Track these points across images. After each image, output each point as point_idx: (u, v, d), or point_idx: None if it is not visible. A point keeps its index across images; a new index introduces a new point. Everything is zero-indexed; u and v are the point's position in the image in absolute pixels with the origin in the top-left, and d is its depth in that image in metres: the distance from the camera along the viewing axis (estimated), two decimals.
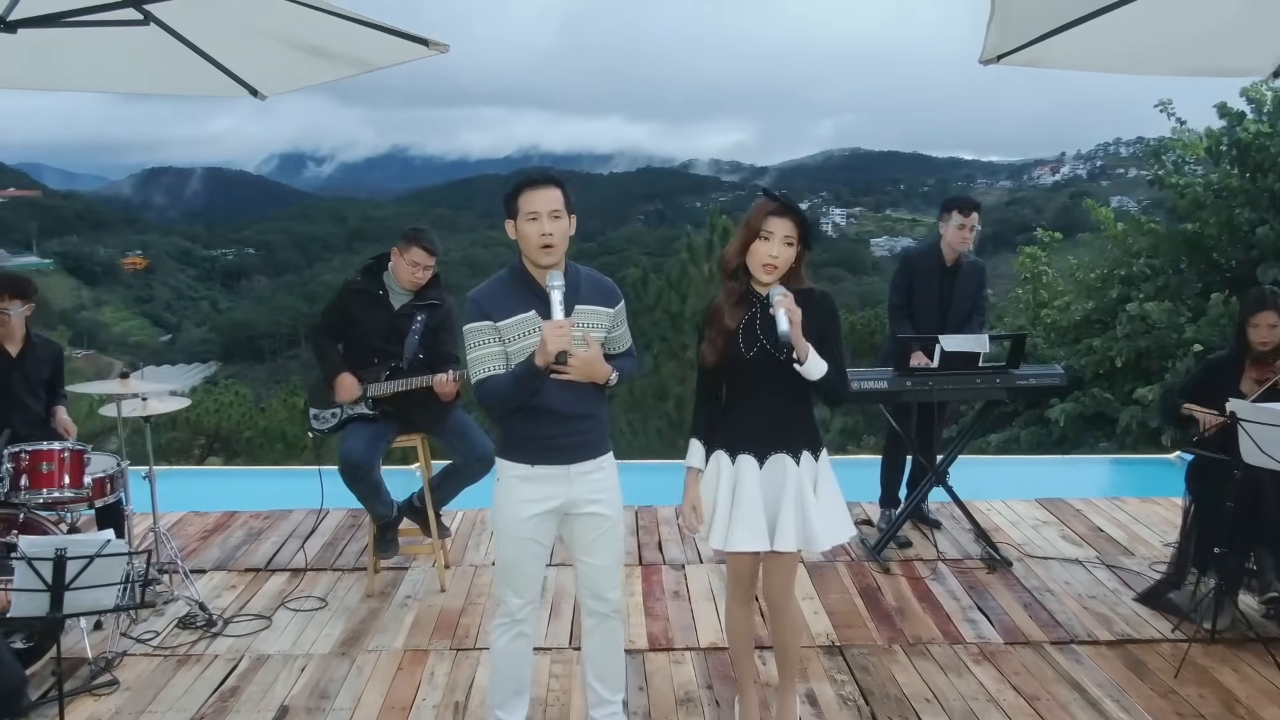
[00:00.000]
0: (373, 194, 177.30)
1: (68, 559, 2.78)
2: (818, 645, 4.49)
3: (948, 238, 5.48)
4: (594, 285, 3.31)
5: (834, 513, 3.43)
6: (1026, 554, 5.53)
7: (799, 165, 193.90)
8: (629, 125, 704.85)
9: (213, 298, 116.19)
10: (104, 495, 4.60)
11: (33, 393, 4.82)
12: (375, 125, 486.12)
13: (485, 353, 3.17)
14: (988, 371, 5.20)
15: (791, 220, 3.26)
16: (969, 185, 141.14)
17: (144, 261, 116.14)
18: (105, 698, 4.05)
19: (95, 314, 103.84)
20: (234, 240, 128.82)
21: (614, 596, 3.45)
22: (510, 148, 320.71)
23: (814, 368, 3.22)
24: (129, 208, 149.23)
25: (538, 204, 3.13)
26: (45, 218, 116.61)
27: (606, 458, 3.37)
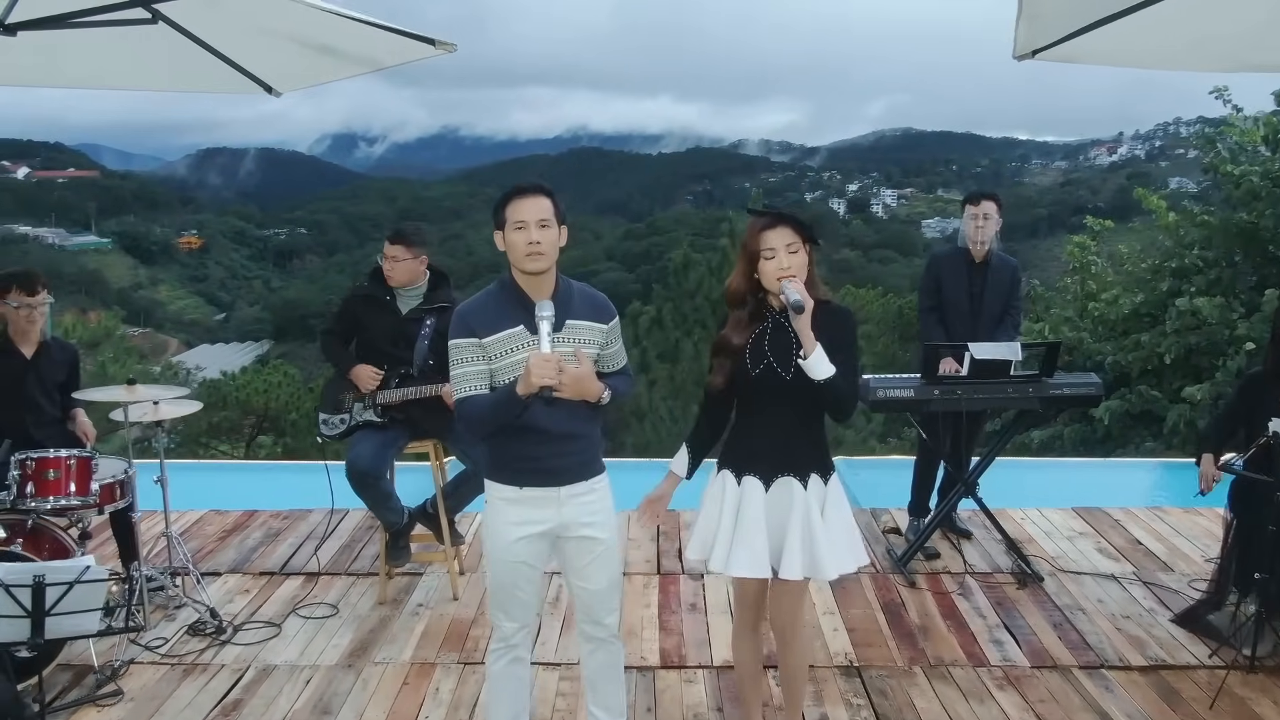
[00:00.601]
0: (423, 174, 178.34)
1: (46, 585, 2.70)
2: (835, 665, 4.35)
3: (966, 232, 5.34)
4: (587, 301, 3.19)
5: (843, 540, 3.29)
6: (1059, 568, 5.32)
7: (850, 145, 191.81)
8: (679, 105, 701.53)
9: (265, 277, 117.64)
10: (113, 500, 4.56)
11: (47, 395, 4.78)
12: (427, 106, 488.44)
13: (467, 370, 3.08)
14: (1020, 380, 5.00)
15: (786, 227, 3.12)
16: (1023, 166, 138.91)
17: (199, 241, 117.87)
18: (108, 709, 4.01)
19: (151, 292, 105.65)
20: (286, 220, 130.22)
21: (611, 621, 3.34)
22: (560, 128, 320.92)
23: (819, 365, 3.06)
24: (184, 188, 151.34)
25: (525, 213, 3.03)
26: (104, 198, 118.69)
27: (599, 479, 3.25)
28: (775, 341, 3.16)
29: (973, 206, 5.32)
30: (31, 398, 4.74)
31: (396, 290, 4.88)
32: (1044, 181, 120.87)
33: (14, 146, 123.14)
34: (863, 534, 5.72)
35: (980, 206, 5.29)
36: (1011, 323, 5.42)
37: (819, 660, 4.38)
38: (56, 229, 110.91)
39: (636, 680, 4.23)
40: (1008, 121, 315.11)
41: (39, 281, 4.70)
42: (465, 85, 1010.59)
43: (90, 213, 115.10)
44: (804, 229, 3.14)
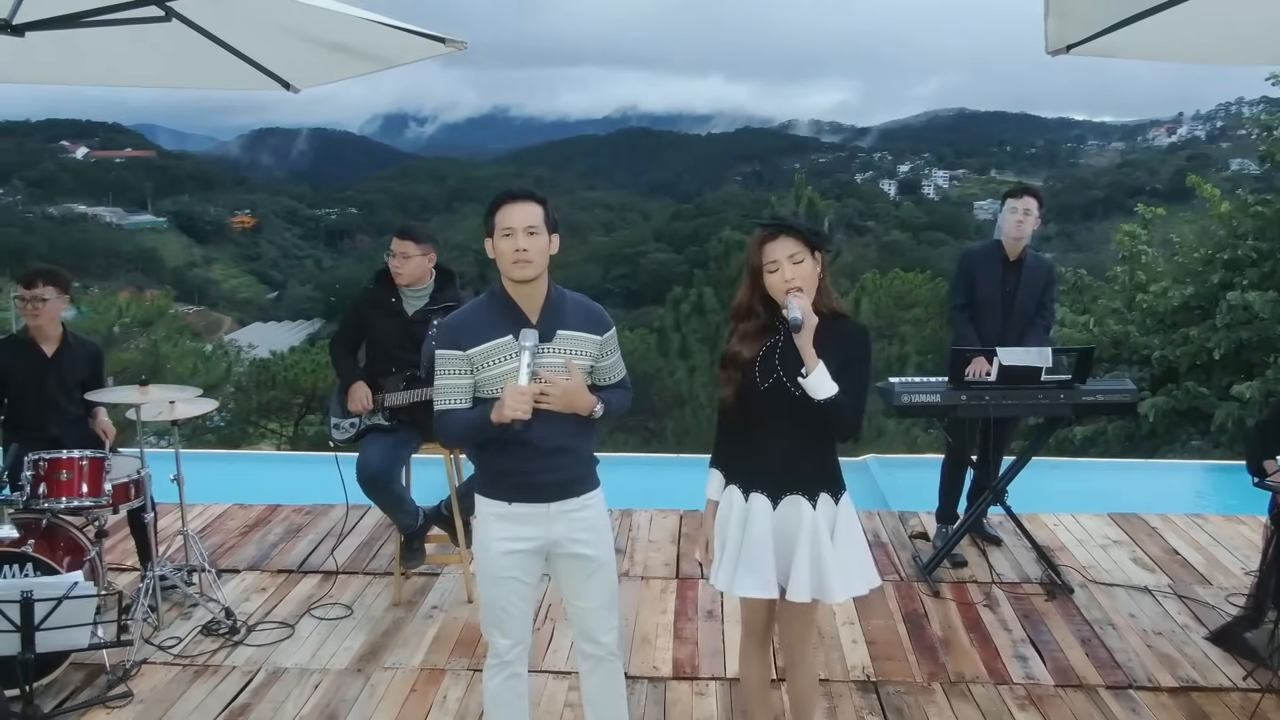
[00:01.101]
0: (473, 154, 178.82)
1: (34, 601, 2.68)
2: (852, 680, 4.24)
3: (1004, 226, 5.16)
4: (580, 310, 3.10)
5: (853, 562, 3.19)
6: (1091, 579, 5.16)
7: (902, 126, 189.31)
8: (729, 85, 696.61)
9: (317, 256, 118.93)
10: (128, 500, 4.55)
11: (68, 394, 4.79)
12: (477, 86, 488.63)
13: (448, 384, 3.02)
14: (1051, 386, 4.83)
15: (789, 237, 3.00)
16: (1079, 147, 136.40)
17: (252, 220, 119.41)
18: (117, 710, 4.01)
19: (206, 271, 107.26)
20: (338, 200, 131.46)
21: (608, 640, 3.26)
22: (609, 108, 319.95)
23: (819, 384, 2.96)
24: (238, 168, 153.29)
25: (513, 219, 2.96)
26: (159, 177, 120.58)
27: (592, 495, 3.16)
28: (786, 356, 3.05)
29: (1015, 200, 5.14)
30: (52, 397, 4.75)
31: (402, 291, 4.82)
32: (1100, 163, 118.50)
33: (73, 127, 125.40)
34: (889, 539, 5.66)
35: (1023, 201, 5.11)
36: (1043, 324, 5.25)
37: (835, 674, 4.27)
38: (114, 208, 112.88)
39: (647, 692, 4.15)
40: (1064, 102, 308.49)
41: (39, 276, 4.70)
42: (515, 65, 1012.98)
43: (147, 192, 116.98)
44: (808, 238, 3.02)
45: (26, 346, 4.76)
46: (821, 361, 2.97)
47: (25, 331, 4.79)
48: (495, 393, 2.99)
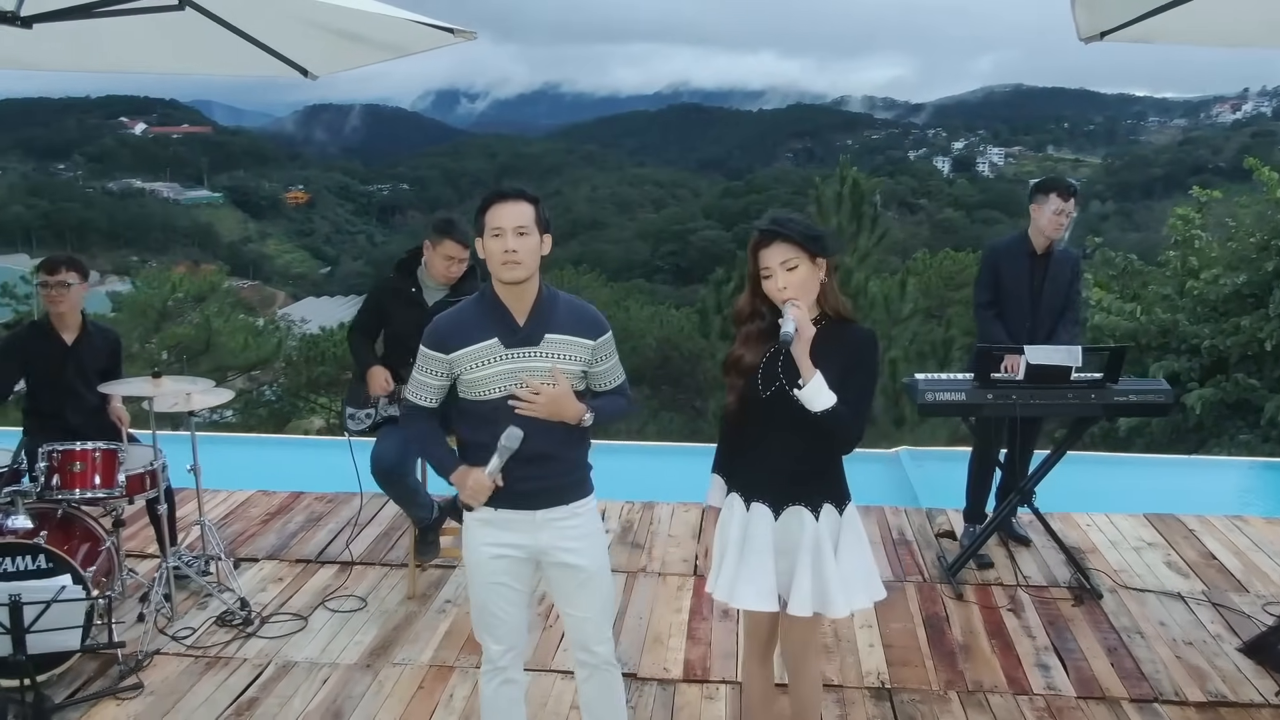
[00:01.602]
0: (523, 130, 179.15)
1: (23, 605, 2.67)
2: (866, 686, 4.14)
3: (1041, 222, 4.97)
4: (573, 314, 3.02)
5: (858, 575, 3.08)
6: (1121, 583, 5.01)
7: (958, 102, 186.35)
8: (782, 61, 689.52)
9: (369, 232, 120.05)
10: (143, 490, 4.56)
11: (88, 383, 4.79)
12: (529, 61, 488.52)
13: (423, 380, 3.03)
14: (1082, 386, 4.67)
15: (783, 243, 2.89)
16: (1139, 124, 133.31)
17: (305, 196, 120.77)
18: (127, 702, 4.03)
19: (260, 246, 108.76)
20: (389, 176, 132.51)
21: (602, 650, 3.20)
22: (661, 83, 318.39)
23: (815, 395, 2.86)
24: (292, 144, 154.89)
25: (502, 219, 2.89)
26: (215, 153, 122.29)
27: (583, 503, 3.09)
28: (789, 363, 2.94)
29: (1062, 200, 4.91)
30: (71, 385, 4.76)
31: (424, 282, 4.76)
32: (1161, 140, 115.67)
33: (132, 103, 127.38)
34: (914, 537, 5.53)
35: (1069, 202, 4.91)
36: (1072, 317, 5.09)
37: (849, 680, 4.18)
38: (171, 183, 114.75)
39: (655, 695, 4.09)
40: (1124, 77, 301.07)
41: (60, 262, 4.70)
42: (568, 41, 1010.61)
43: (203, 168, 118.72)
44: (803, 243, 2.91)
45: (47, 334, 4.77)
46: (819, 372, 2.87)
47: (46, 319, 4.80)
48: (477, 395, 2.96)
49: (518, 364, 2.94)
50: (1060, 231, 4.94)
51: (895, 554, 5.35)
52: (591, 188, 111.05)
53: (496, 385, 2.94)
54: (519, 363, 2.94)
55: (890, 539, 5.54)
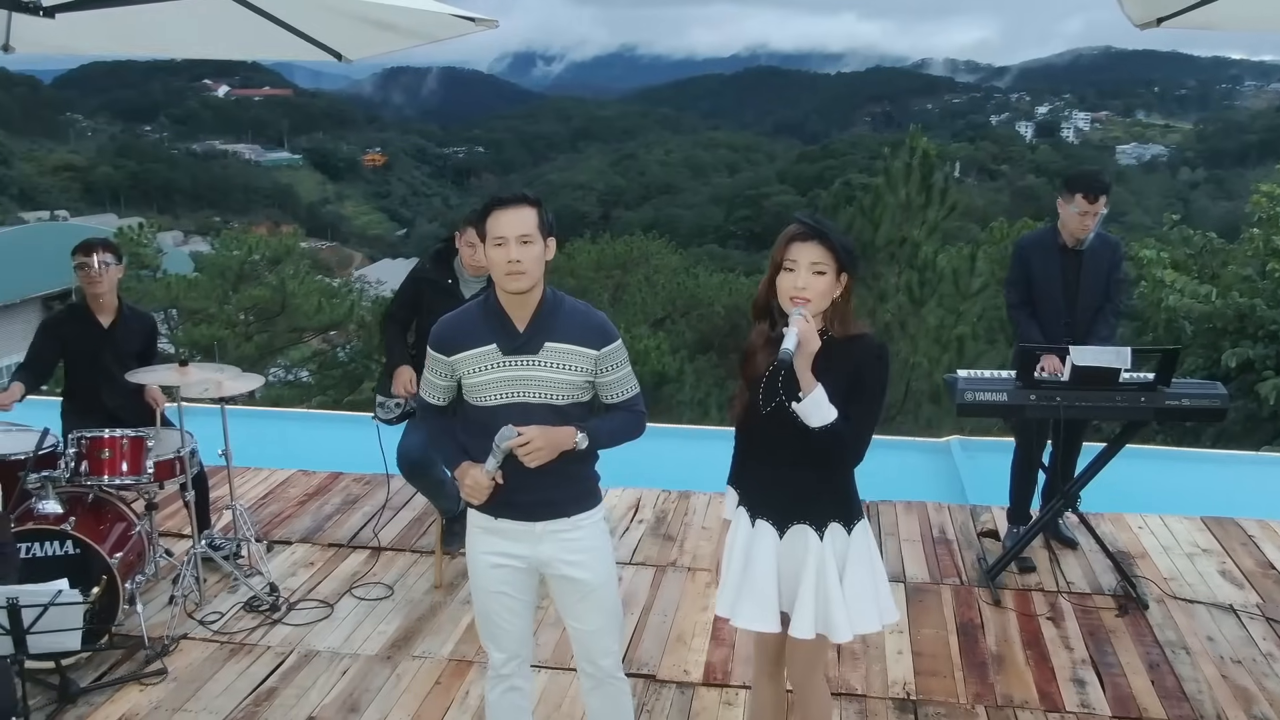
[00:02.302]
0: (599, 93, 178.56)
1: (21, 607, 2.69)
2: (890, 697, 4.02)
3: (1067, 223, 4.74)
4: (576, 320, 2.92)
5: (865, 599, 2.95)
6: (1170, 593, 4.80)
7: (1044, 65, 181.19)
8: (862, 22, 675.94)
9: (444, 194, 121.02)
10: (172, 476, 4.60)
11: (124, 366, 4.81)
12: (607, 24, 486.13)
13: (432, 380, 3.03)
14: (1131, 388, 4.45)
15: (821, 245, 2.74)
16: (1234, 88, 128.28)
17: (382, 158, 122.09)
18: (151, 688, 4.08)
19: (338, 208, 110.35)
20: (465, 139, 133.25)
21: (606, 663, 3.14)
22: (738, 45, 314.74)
23: (813, 410, 2.73)
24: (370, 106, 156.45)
25: (505, 228, 2.80)
26: (296, 115, 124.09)
27: (585, 515, 3.01)
28: (791, 376, 2.81)
29: (1088, 202, 4.64)
30: (107, 368, 4.80)
31: (460, 274, 4.71)
32: (1258, 105, 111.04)
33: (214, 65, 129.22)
34: (956, 535, 5.36)
35: (1098, 203, 4.65)
36: (1112, 308, 4.86)
37: (873, 689, 4.06)
38: (253, 145, 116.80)
39: (673, 699, 4.02)
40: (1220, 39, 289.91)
41: (96, 244, 4.74)
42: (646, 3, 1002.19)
43: (283, 130, 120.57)
44: (839, 254, 2.76)
45: (84, 317, 4.82)
46: (820, 386, 2.74)
47: (84, 302, 4.84)
48: (478, 400, 2.91)
49: (516, 371, 2.87)
50: (1087, 234, 4.69)
51: (934, 554, 5.20)
52: (665, 151, 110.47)
53: (495, 392, 2.88)
54: (517, 370, 2.87)
55: (930, 537, 5.38)
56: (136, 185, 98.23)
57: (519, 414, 2.86)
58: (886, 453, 7.67)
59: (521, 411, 2.87)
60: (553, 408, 2.90)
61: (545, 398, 2.89)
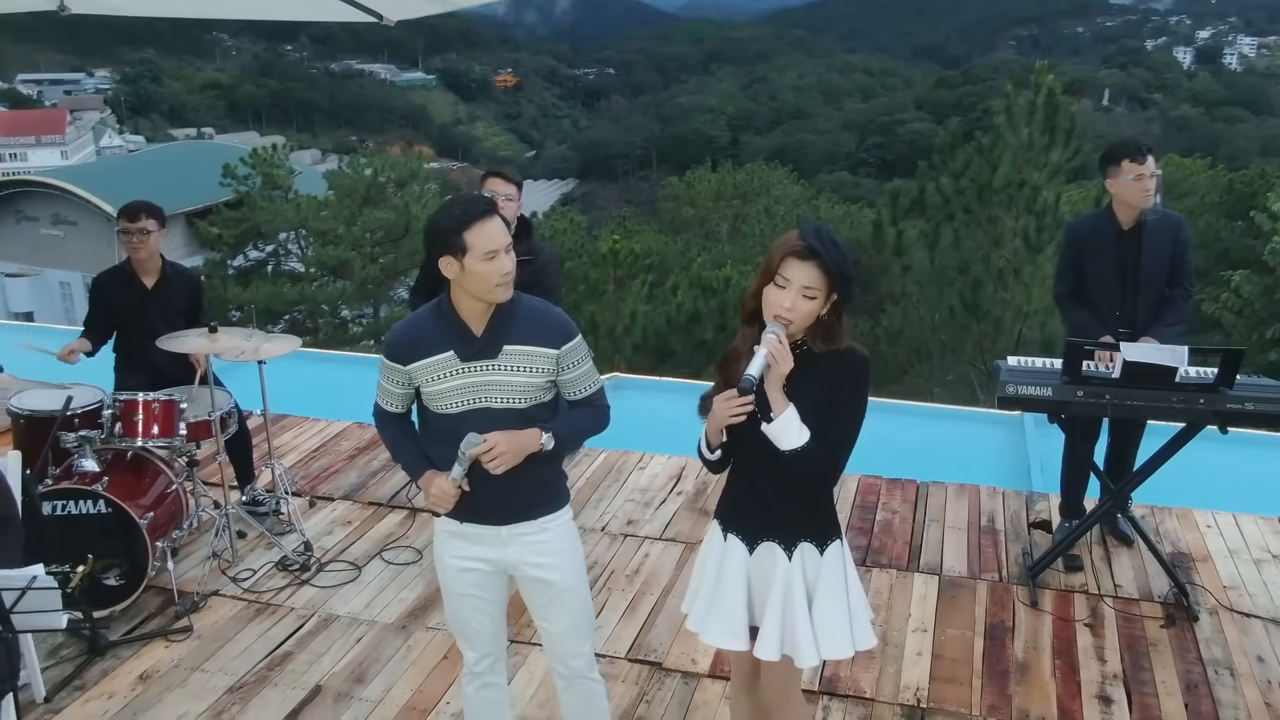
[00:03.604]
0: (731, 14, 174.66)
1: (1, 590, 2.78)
2: (900, 703, 3.88)
3: (1124, 195, 4.40)
4: (534, 322, 2.84)
5: (835, 623, 2.81)
6: (1227, 604, 4.48)
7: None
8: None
9: (574, 116, 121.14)
10: (209, 436, 4.70)
11: (170, 324, 4.92)
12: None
13: (388, 388, 2.94)
14: (1190, 388, 4.12)
15: (818, 268, 2.56)
16: None
17: (514, 79, 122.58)
18: (175, 645, 4.23)
19: (470, 128, 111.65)
20: (596, 60, 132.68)
21: (578, 664, 3.11)
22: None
23: (783, 433, 2.59)
24: (502, 27, 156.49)
25: (496, 239, 2.72)
26: (430, 36, 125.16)
27: (553, 518, 2.97)
28: (762, 393, 2.66)
29: (1136, 164, 4.30)
30: (154, 327, 4.90)
31: None
32: None
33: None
34: (1005, 525, 5.12)
35: (1146, 163, 4.31)
36: (1182, 293, 4.51)
37: (883, 693, 3.92)
38: (388, 65, 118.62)
39: (675, 690, 3.96)
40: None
41: (140, 210, 4.82)
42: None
43: (417, 50, 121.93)
44: (836, 281, 2.58)
45: (129, 279, 4.94)
46: (791, 407, 2.59)
47: (128, 264, 4.96)
48: (438, 408, 2.85)
49: (476, 378, 2.81)
50: (1148, 199, 4.34)
51: (977, 544, 4.98)
52: (798, 75, 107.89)
53: (456, 399, 2.82)
54: (477, 376, 2.80)
55: (977, 525, 5.16)
56: (277, 104, 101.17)
57: (483, 420, 2.81)
58: (952, 424, 7.44)
59: (485, 417, 2.81)
60: (516, 411, 2.84)
61: (508, 402, 2.83)
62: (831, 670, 4.04)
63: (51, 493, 4.24)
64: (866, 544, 4.99)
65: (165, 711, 3.84)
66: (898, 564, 4.81)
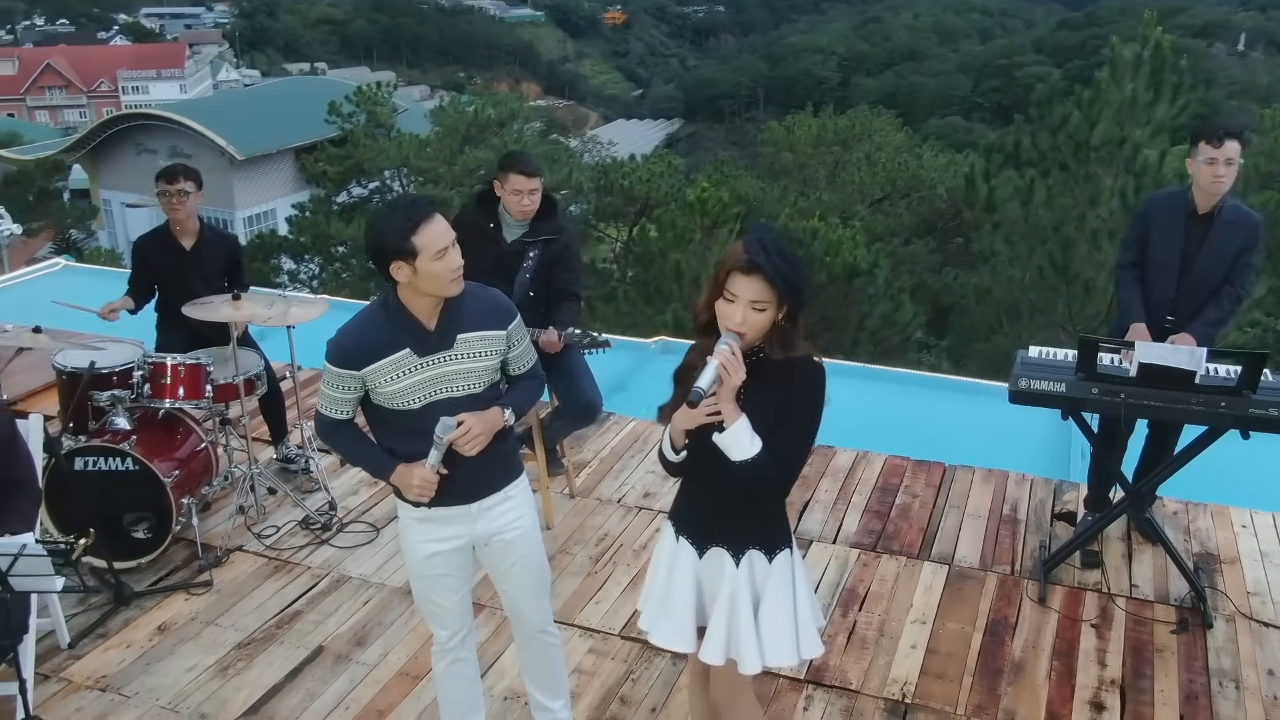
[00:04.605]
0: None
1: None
2: (884, 697, 3.86)
3: (1196, 177, 4.27)
4: (479, 307, 2.96)
5: (781, 632, 2.82)
6: (1247, 612, 4.32)
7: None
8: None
9: (681, 55, 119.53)
10: (236, 398, 4.86)
11: (208, 286, 5.09)
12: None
13: (337, 396, 2.95)
14: (1210, 391, 3.94)
15: (763, 280, 2.54)
16: None
17: (622, 16, 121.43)
18: (195, 598, 4.44)
19: (576, 66, 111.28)
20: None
21: (537, 619, 3.27)
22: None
23: (734, 444, 2.59)
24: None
25: (442, 237, 2.79)
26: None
27: (514, 485, 3.12)
28: None
29: (1211, 146, 4.17)
30: (192, 289, 5.07)
31: (504, 219, 4.67)
32: None
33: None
34: (1027, 515, 5.00)
35: (1222, 147, 4.15)
36: (1232, 292, 4.32)
37: (869, 686, 3.91)
38: (497, 0, 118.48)
39: (662, 670, 4.01)
40: None
41: (178, 172, 4.98)
42: None
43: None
44: (782, 293, 2.55)
45: (168, 241, 5.11)
46: (743, 418, 2.59)
47: (166, 226, 5.13)
48: (398, 405, 2.91)
49: (434, 370, 2.89)
50: (1219, 186, 4.18)
51: (994, 535, 4.89)
52: (913, 15, 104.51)
53: (416, 395, 2.89)
54: (435, 369, 2.89)
55: (998, 514, 5.05)
56: (388, 39, 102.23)
57: (444, 409, 2.90)
58: (993, 401, 7.22)
59: (447, 407, 2.90)
60: (474, 396, 2.95)
61: (467, 389, 2.93)
62: (821, 660, 4.04)
63: (84, 449, 4.47)
64: (881, 528, 4.94)
65: (176, 663, 4.05)
66: (909, 551, 4.76)
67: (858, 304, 18.54)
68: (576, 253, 4.82)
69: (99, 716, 3.76)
